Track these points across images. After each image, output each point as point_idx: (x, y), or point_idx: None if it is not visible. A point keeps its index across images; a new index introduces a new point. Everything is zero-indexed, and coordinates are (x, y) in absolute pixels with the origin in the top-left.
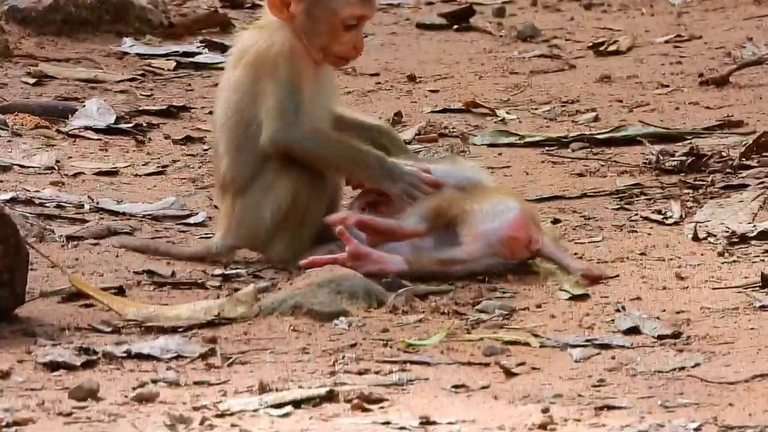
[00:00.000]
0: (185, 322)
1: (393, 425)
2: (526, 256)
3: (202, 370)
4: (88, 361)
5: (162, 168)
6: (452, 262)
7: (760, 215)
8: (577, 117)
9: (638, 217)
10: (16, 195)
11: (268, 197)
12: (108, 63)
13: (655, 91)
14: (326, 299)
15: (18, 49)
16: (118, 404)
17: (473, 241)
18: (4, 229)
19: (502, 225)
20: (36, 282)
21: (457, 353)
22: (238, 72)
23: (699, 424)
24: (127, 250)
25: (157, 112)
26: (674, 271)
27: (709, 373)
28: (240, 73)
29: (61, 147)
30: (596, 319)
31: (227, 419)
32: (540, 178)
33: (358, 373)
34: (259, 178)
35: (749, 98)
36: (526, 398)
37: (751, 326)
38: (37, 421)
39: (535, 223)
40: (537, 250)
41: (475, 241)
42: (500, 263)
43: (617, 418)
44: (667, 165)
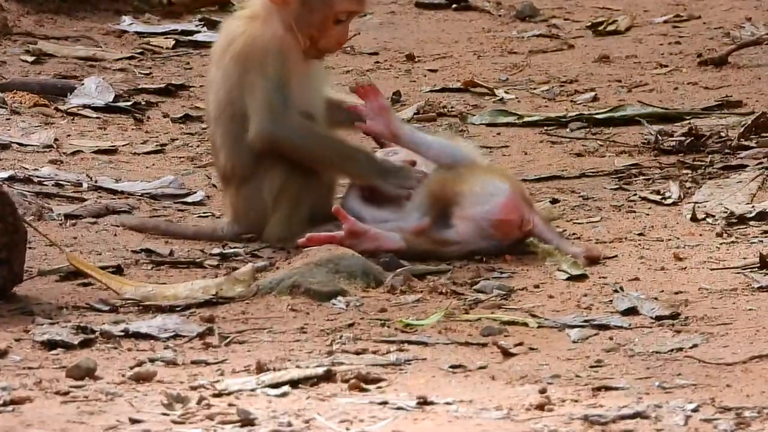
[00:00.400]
0: (183, 302)
1: (390, 405)
2: (519, 237)
3: (199, 349)
4: (86, 340)
5: (160, 147)
6: (445, 242)
7: (759, 196)
8: (575, 97)
9: (637, 197)
10: (14, 173)
11: (266, 181)
12: (107, 41)
13: (654, 71)
14: (324, 279)
15: (17, 27)
16: (115, 383)
17: (465, 224)
18: (2, 207)
19: (493, 208)
20: (34, 260)
21: (455, 333)
22: (227, 64)
23: (696, 405)
24: (125, 228)
25: (155, 91)
26: (672, 251)
27: (707, 354)
28: (228, 65)
29: (60, 125)
30: (594, 300)
31: (224, 399)
32: (538, 158)
33: (355, 353)
34: (258, 166)
35: (748, 79)
36: (523, 379)
37: (749, 307)
38: (34, 400)
39: (526, 203)
40: (529, 230)
41: (466, 224)
42: (493, 244)
43: (615, 398)
44: (666, 145)
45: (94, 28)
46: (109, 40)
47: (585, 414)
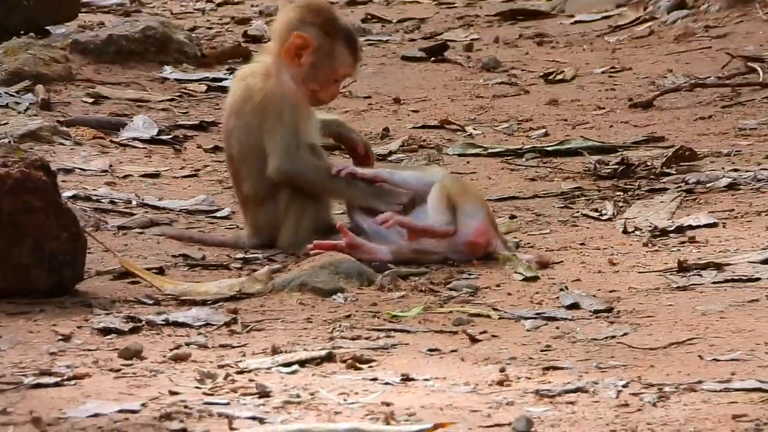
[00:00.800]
0: (212, 297)
1: (379, 381)
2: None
3: (225, 335)
4: (134, 327)
5: (195, 171)
6: (425, 253)
7: (677, 213)
8: (530, 133)
9: (579, 214)
10: (77, 193)
11: (277, 202)
12: (152, 86)
13: (594, 112)
14: (327, 278)
15: (80, 75)
16: (158, 362)
17: (445, 246)
18: (67, 220)
19: (468, 231)
20: (92, 263)
21: (432, 323)
22: (248, 114)
23: (626, 381)
24: (167, 237)
25: (191, 126)
26: (607, 258)
27: (635, 341)
28: (250, 115)
29: (114, 154)
30: (544, 297)
31: (246, 375)
32: (500, 182)
33: (351, 339)
34: (271, 191)
35: (669, 119)
36: (487, 360)
37: (669, 303)
38: (92, 376)
39: (493, 227)
40: (493, 249)
41: (446, 245)
42: (462, 259)
43: (560, 376)
44: (603, 172)
45: (142, 76)
46: (153, 86)
47: (537, 389)
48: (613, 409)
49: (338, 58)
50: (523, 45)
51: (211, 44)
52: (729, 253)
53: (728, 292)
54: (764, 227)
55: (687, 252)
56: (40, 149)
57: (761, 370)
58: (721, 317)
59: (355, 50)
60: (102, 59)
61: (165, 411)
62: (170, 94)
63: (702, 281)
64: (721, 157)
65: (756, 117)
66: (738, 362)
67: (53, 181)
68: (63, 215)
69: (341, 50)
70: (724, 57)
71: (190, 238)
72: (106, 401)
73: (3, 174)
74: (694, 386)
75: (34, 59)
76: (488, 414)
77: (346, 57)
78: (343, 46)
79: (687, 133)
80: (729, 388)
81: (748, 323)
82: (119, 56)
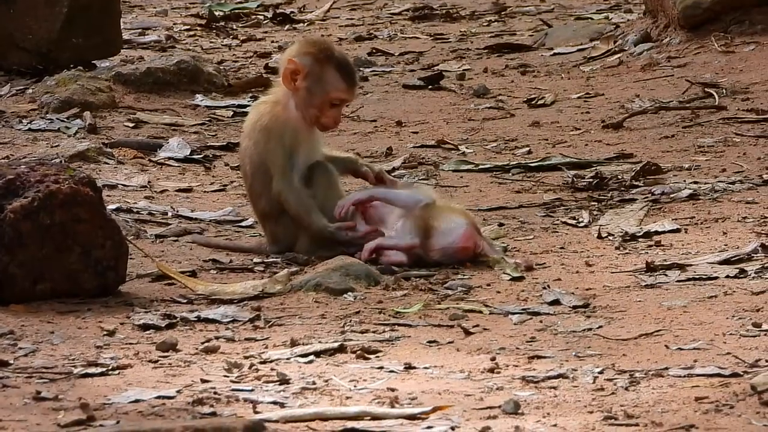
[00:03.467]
0: (239, 296)
1: (385, 369)
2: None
3: (250, 330)
4: (170, 323)
5: (223, 187)
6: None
7: (645, 221)
8: (515, 151)
9: (559, 222)
10: (120, 206)
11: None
12: (185, 112)
13: (571, 133)
14: (338, 280)
15: (122, 102)
16: (191, 354)
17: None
18: (112, 230)
19: (456, 239)
20: (133, 267)
21: (431, 318)
22: (257, 135)
23: (602, 368)
24: (198, 244)
25: (219, 147)
26: (584, 260)
27: (609, 333)
28: (258, 136)
29: (152, 171)
30: (529, 294)
31: (268, 365)
32: (489, 194)
33: (360, 332)
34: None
35: (637, 138)
36: (479, 350)
37: (638, 299)
38: (133, 366)
39: (478, 233)
40: (480, 251)
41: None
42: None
43: (544, 364)
44: (579, 185)
45: (176, 103)
46: (186, 112)
47: (523, 375)
48: (590, 393)
49: (329, 82)
50: (509, 74)
51: (237, 75)
52: (691, 256)
53: (690, 289)
54: (721, 232)
55: (654, 254)
56: (87, 168)
57: (720, 357)
58: (684, 311)
59: (348, 75)
60: (141, 89)
61: (197, 397)
62: (201, 119)
63: (667, 280)
64: (682, 171)
65: (713, 136)
66: (700, 351)
67: (99, 195)
68: (107, 226)
69: (332, 74)
70: (685, 84)
71: (217, 245)
72: (145, 389)
73: (55, 190)
74: (661, 372)
75: (82, 89)
76: (481, 398)
77: (337, 81)
78: (333, 71)
79: (653, 151)
80: (692, 374)
81: (708, 316)
82: (156, 86)
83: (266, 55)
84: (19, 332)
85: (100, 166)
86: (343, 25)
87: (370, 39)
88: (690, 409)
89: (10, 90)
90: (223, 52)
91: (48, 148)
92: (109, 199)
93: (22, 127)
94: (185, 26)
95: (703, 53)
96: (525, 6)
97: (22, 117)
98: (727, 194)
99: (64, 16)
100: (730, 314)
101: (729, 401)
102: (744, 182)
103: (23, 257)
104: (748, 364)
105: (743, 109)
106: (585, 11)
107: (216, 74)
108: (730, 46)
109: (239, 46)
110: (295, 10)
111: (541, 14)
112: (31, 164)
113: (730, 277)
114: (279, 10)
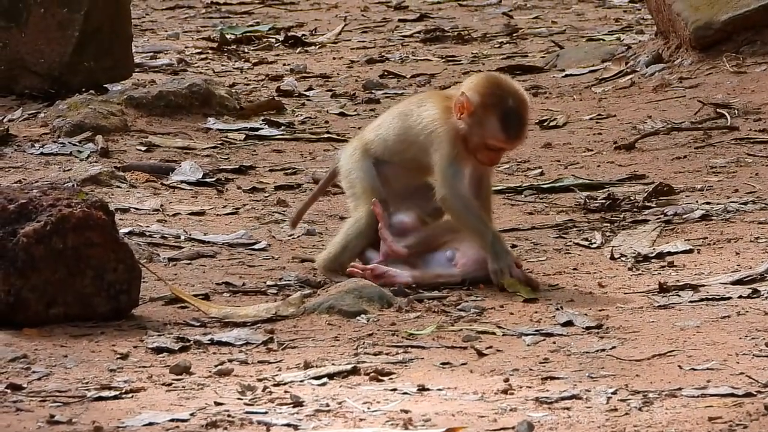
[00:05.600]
0: (252, 319)
1: (398, 391)
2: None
3: (264, 352)
4: (184, 346)
5: (235, 210)
6: (447, 276)
7: (658, 242)
8: (528, 172)
9: (571, 243)
10: (132, 229)
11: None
12: (197, 135)
13: (583, 154)
14: (351, 302)
15: (134, 126)
16: (204, 377)
17: (467, 262)
18: (124, 253)
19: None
20: (146, 291)
21: (444, 340)
22: (426, 138)
23: (615, 389)
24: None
25: (232, 170)
26: (597, 281)
27: (622, 353)
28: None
29: (164, 195)
30: (542, 315)
31: (281, 387)
32: (502, 216)
33: (374, 354)
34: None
35: (649, 159)
36: (492, 372)
37: (651, 320)
38: (147, 389)
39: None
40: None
41: (467, 263)
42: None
43: (557, 385)
44: (592, 206)
45: (189, 126)
46: (198, 135)
47: (536, 396)
48: (603, 414)
49: (489, 128)
50: None
51: (249, 98)
52: (703, 276)
53: (703, 309)
54: (734, 253)
55: (666, 275)
56: (99, 192)
57: (733, 377)
58: (697, 332)
59: (510, 127)
60: (153, 112)
61: (211, 420)
62: (213, 142)
63: (680, 300)
64: (695, 192)
65: (725, 156)
66: (713, 371)
67: (111, 219)
68: (120, 249)
69: (493, 123)
70: (696, 104)
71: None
72: (159, 411)
73: (68, 213)
74: (674, 393)
75: (94, 113)
76: (494, 419)
77: (496, 131)
78: (496, 119)
79: (665, 171)
80: (705, 393)
81: (721, 337)
82: (168, 109)
83: (278, 77)
84: (33, 356)
85: (113, 190)
86: (354, 47)
87: (381, 61)
88: (704, 429)
89: (22, 114)
90: (234, 75)
91: (60, 172)
92: (121, 222)
93: (35, 151)
94: (197, 49)
95: (715, 74)
96: (537, 28)
97: (34, 141)
98: (740, 215)
99: (75, 40)
100: (743, 334)
101: (743, 421)
102: (756, 203)
103: (36, 281)
104: (761, 383)
105: (755, 129)
106: (597, 32)
107: (228, 97)
108: (742, 66)
109: (251, 69)
110: (307, 32)
111: (552, 36)
112: (43, 188)
113: (743, 297)
114: (290, 33)
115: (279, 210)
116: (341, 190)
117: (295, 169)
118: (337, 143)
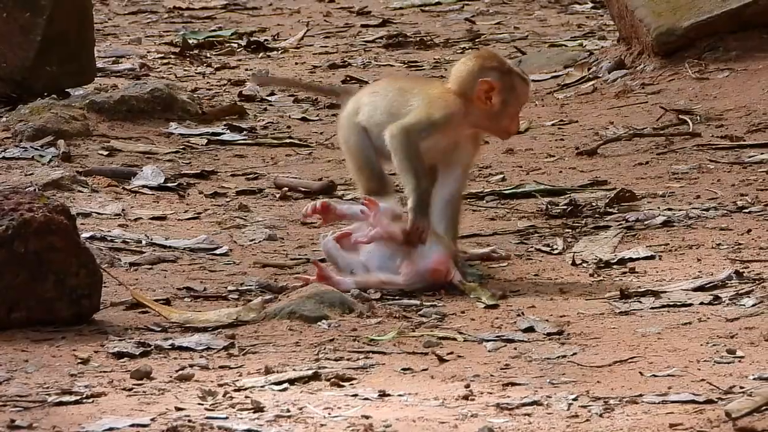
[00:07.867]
0: (213, 324)
1: (359, 396)
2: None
3: (224, 357)
4: (144, 351)
5: (197, 215)
6: (391, 283)
7: (619, 248)
8: (489, 178)
9: (533, 249)
10: (94, 234)
11: None
12: (159, 140)
13: (545, 159)
14: (313, 307)
15: (96, 131)
16: (165, 382)
17: (410, 272)
18: (86, 258)
19: (429, 261)
20: (107, 296)
21: (405, 345)
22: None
23: (576, 395)
24: (260, 84)
25: (193, 175)
26: (558, 287)
27: (583, 360)
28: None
29: (126, 200)
30: (503, 321)
31: (242, 392)
32: (464, 221)
33: (335, 360)
34: None
35: (611, 165)
36: (453, 377)
37: (613, 326)
38: (108, 394)
39: (452, 260)
40: (451, 279)
41: (410, 272)
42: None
43: (518, 391)
44: (553, 212)
45: (150, 131)
46: (160, 140)
47: (497, 402)
48: (564, 420)
49: (520, 90)
50: None
51: (211, 103)
52: (665, 282)
53: (664, 316)
54: (695, 259)
55: (628, 281)
56: (61, 196)
57: (694, 384)
58: (658, 338)
59: (527, 79)
60: (115, 117)
61: (171, 425)
62: (175, 147)
63: (641, 307)
64: (657, 198)
65: (687, 163)
66: (674, 377)
67: (73, 223)
68: (82, 254)
69: (519, 83)
70: (659, 110)
71: (286, 82)
72: (120, 417)
73: (29, 218)
74: (635, 399)
75: (56, 117)
76: (455, 425)
77: (525, 87)
78: (519, 79)
79: (627, 177)
80: (666, 400)
81: (682, 343)
82: (130, 114)
83: (240, 82)
84: None
85: (74, 195)
86: (317, 52)
87: (344, 66)
88: None
89: None
90: (197, 80)
91: (22, 176)
92: (83, 227)
93: None
94: (159, 54)
95: (678, 80)
96: (499, 33)
97: None
98: (702, 221)
99: (38, 44)
100: (704, 341)
101: (703, 428)
102: (718, 209)
103: None
104: (722, 390)
105: (717, 135)
106: (559, 38)
107: (190, 102)
108: (704, 72)
109: (213, 74)
110: (269, 38)
111: (515, 41)
112: (4, 192)
113: (705, 303)
114: (253, 38)
115: (240, 215)
116: (302, 196)
117: (257, 174)
118: (299, 148)
